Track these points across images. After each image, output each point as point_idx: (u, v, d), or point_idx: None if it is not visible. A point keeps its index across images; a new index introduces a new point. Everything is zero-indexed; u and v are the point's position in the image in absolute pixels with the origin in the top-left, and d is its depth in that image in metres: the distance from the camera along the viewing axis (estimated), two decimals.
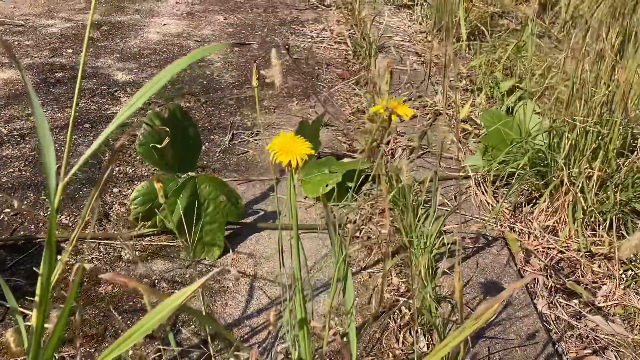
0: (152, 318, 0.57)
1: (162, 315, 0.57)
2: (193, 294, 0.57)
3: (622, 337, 1.12)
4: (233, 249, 1.33)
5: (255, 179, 1.58)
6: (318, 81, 2.17)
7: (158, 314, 0.57)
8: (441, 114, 1.84)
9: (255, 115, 1.89)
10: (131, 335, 0.57)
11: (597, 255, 1.28)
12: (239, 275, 1.23)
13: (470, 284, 1.21)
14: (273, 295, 1.21)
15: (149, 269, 1.25)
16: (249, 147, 1.73)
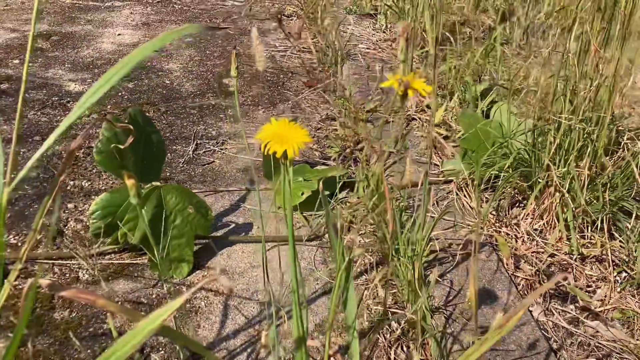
0: (128, 342, 0.46)
1: (139, 340, 0.46)
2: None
3: (623, 343, 1.06)
4: (203, 265, 1.22)
5: (224, 190, 1.47)
6: (284, 89, 2.09)
7: (134, 337, 0.46)
8: (414, 119, 1.78)
9: (220, 124, 1.79)
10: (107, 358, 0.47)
11: (589, 258, 1.23)
12: (231, 285, 1.12)
13: (462, 293, 1.13)
14: (250, 314, 1.11)
15: (111, 290, 1.13)
16: (214, 157, 1.62)
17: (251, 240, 1.29)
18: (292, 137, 0.54)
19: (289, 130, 0.55)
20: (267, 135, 0.55)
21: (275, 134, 0.55)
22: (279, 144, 0.53)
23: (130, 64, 0.63)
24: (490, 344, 0.60)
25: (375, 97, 1.91)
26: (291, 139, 0.54)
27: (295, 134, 0.55)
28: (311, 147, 1.68)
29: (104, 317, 1.07)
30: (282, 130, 0.55)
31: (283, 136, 0.54)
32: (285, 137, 0.54)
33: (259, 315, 1.11)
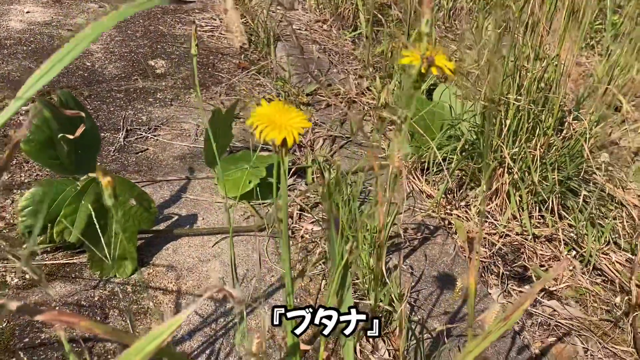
0: None
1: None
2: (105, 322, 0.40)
3: (580, 320, 1.08)
4: (148, 262, 1.13)
5: (162, 180, 1.37)
6: (215, 71, 1.98)
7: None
8: (355, 102, 1.74)
9: (150, 109, 1.67)
10: None
11: (540, 238, 1.24)
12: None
13: (423, 279, 1.11)
14: (205, 313, 1.03)
15: (46, 295, 1.02)
16: (148, 144, 1.51)
17: (197, 233, 1.21)
18: (288, 121, 0.48)
19: (285, 114, 0.49)
20: (259, 119, 0.48)
21: (268, 117, 0.48)
22: (276, 129, 0.47)
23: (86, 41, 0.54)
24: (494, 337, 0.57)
25: (313, 79, 1.85)
26: (288, 124, 0.48)
27: (292, 118, 0.48)
28: (251, 132, 1.61)
29: (39, 325, 0.96)
30: (276, 114, 0.49)
31: (278, 120, 0.48)
32: (281, 122, 0.48)
33: (214, 314, 1.03)
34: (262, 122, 0.47)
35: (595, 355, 1.00)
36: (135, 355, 0.39)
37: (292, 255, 1.19)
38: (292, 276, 0.81)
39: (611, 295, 1.13)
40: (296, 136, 0.47)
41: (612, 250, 1.22)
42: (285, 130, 0.47)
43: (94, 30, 0.52)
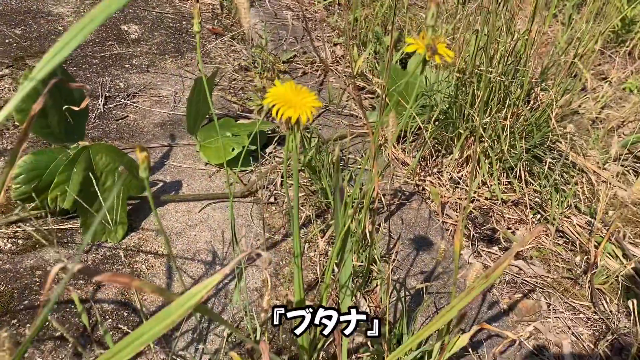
0: (162, 320, 0.44)
1: (174, 319, 0.44)
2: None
3: (544, 278, 1.17)
4: (137, 226, 1.17)
5: (144, 147, 1.39)
6: (189, 36, 1.99)
7: (169, 316, 0.44)
8: (331, 70, 1.78)
9: (127, 75, 1.68)
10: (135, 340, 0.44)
11: (508, 202, 1.33)
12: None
13: (401, 241, 1.18)
14: (196, 274, 1.08)
15: (40, 259, 1.05)
16: (127, 111, 1.53)
17: (183, 199, 1.25)
18: (301, 101, 0.53)
19: (298, 94, 0.53)
20: (274, 98, 0.53)
21: (282, 97, 0.53)
22: (291, 108, 0.52)
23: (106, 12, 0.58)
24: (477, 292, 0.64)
25: (288, 47, 1.88)
26: (301, 103, 0.52)
27: (305, 98, 0.53)
28: (229, 100, 1.64)
29: (36, 288, 0.99)
30: (289, 94, 0.53)
31: (292, 100, 0.53)
32: (295, 101, 0.53)
33: (205, 275, 1.09)
34: (278, 102, 0.52)
35: (557, 309, 1.10)
36: (176, 310, 0.44)
37: (276, 220, 1.25)
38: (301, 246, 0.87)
39: (572, 255, 1.23)
40: (309, 114, 0.52)
41: (574, 214, 1.31)
42: (299, 109, 0.52)
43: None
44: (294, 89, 0.54)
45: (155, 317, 0.44)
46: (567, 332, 1.06)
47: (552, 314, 1.09)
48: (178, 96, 1.62)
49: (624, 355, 1.02)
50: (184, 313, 0.45)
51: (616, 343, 1.04)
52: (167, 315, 0.44)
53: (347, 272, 0.67)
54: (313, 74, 1.76)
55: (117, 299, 1.01)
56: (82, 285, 1.02)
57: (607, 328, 1.07)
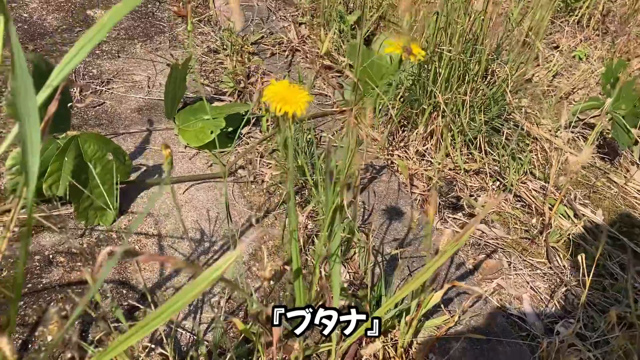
0: (191, 291, 0.52)
1: (202, 288, 0.53)
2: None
3: (504, 239, 1.29)
4: (126, 210, 1.23)
5: (124, 132, 1.45)
6: (155, 20, 2.02)
7: (197, 286, 0.52)
8: (298, 50, 1.85)
9: (99, 62, 1.71)
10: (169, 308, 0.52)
11: (470, 172, 1.44)
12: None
13: (375, 212, 1.28)
14: (187, 252, 1.16)
15: (38, 244, 1.11)
16: (103, 97, 1.57)
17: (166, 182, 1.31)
18: (295, 97, 0.61)
19: (293, 92, 0.61)
20: (273, 96, 0.61)
21: (278, 94, 0.61)
22: (288, 104, 0.60)
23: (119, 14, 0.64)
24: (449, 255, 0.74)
25: (255, 28, 1.93)
26: (295, 99, 0.61)
27: (298, 95, 0.61)
28: (202, 83, 1.69)
29: (38, 272, 1.06)
30: (284, 91, 0.61)
31: (286, 97, 0.61)
32: (289, 98, 0.61)
33: (195, 252, 1.16)
34: (275, 99, 0.60)
35: (517, 267, 1.22)
36: (202, 281, 0.52)
37: (256, 198, 1.33)
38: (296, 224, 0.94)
39: (528, 218, 1.35)
40: (303, 109, 0.60)
41: (529, 180, 1.43)
42: (294, 104, 0.60)
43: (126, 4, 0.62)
44: (287, 87, 0.62)
45: (184, 289, 0.53)
46: (526, 286, 1.18)
47: (513, 271, 1.21)
48: (151, 81, 1.67)
49: (575, 304, 1.15)
50: (209, 284, 0.53)
51: (568, 294, 1.17)
52: (195, 286, 0.52)
53: (337, 242, 0.76)
54: (281, 55, 1.82)
55: (114, 278, 1.08)
56: (80, 267, 1.09)
57: (560, 281, 1.20)
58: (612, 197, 1.49)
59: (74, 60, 0.66)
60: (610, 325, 1.05)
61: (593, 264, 1.02)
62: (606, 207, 1.45)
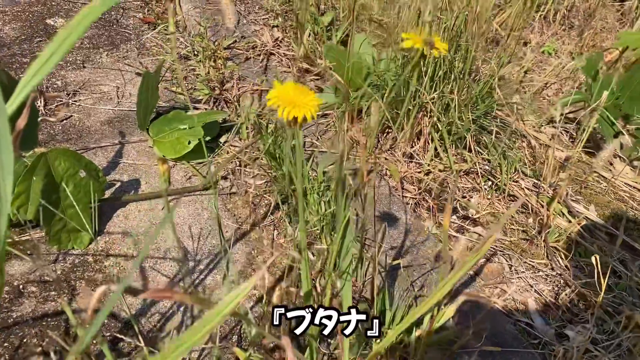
0: (201, 329, 0.45)
1: (213, 325, 0.45)
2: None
3: (502, 242, 1.24)
4: (102, 230, 1.14)
5: (95, 147, 1.36)
6: (120, 28, 1.92)
7: (208, 323, 0.45)
8: (273, 54, 1.78)
9: (63, 73, 1.61)
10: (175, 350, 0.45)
11: (460, 172, 1.39)
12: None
13: (367, 219, 1.21)
14: (170, 273, 1.08)
15: (6, 274, 1.01)
16: (70, 110, 1.47)
17: (145, 197, 1.23)
18: (304, 100, 0.54)
19: (300, 95, 0.54)
20: (277, 100, 0.54)
21: (284, 97, 0.54)
22: (296, 108, 0.53)
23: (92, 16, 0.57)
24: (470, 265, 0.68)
25: (226, 33, 1.86)
26: (304, 102, 0.54)
27: (306, 97, 0.54)
28: (174, 91, 1.61)
29: (8, 305, 0.96)
30: (290, 94, 0.54)
31: (294, 99, 0.54)
32: (297, 101, 0.54)
33: (180, 273, 1.08)
34: (282, 103, 0.53)
35: (518, 270, 1.17)
36: (215, 317, 0.45)
37: (240, 210, 1.25)
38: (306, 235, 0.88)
39: (524, 217, 1.31)
40: (314, 113, 0.53)
41: (521, 178, 1.39)
42: (303, 108, 0.53)
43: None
44: (294, 89, 0.55)
45: (193, 327, 0.45)
46: (530, 290, 1.13)
47: (515, 274, 1.16)
48: (120, 91, 1.58)
49: (580, 306, 1.11)
50: (222, 319, 0.46)
51: (573, 295, 1.13)
52: (207, 322, 0.45)
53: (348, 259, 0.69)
54: (256, 59, 1.75)
55: None
56: (54, 297, 1.00)
57: (564, 283, 1.15)
58: (603, 191, 1.46)
59: (48, 64, 0.58)
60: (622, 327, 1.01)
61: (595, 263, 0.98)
62: (598, 203, 1.42)
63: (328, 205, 1.15)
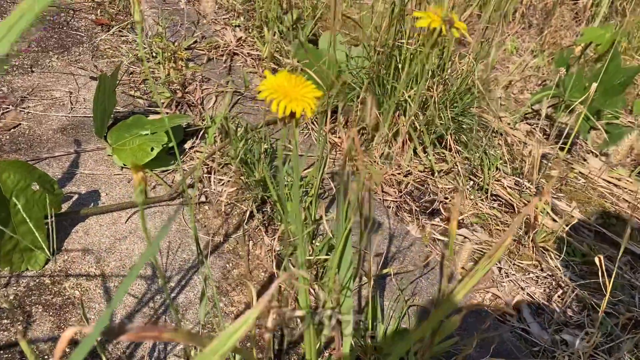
0: None
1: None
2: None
3: (489, 243, 1.19)
4: (59, 248, 1.03)
5: (48, 157, 1.24)
6: (71, 30, 1.80)
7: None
8: (237, 54, 1.69)
9: (9, 77, 1.49)
10: None
11: (440, 172, 1.33)
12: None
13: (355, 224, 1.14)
14: (139, 293, 0.98)
15: None
16: (19, 118, 1.35)
17: (106, 210, 1.12)
18: (300, 92, 0.46)
19: (294, 84, 0.47)
20: (271, 91, 0.46)
21: (278, 89, 0.46)
22: (293, 101, 0.45)
23: None
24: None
25: (186, 33, 1.76)
26: (301, 94, 0.46)
27: (304, 88, 0.47)
28: (133, 95, 1.50)
29: None
30: (285, 85, 0.47)
31: (290, 92, 0.46)
32: (293, 93, 0.46)
33: (148, 292, 0.99)
34: (277, 95, 0.45)
35: (508, 272, 1.12)
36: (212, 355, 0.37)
37: (211, 221, 1.16)
38: None
39: (509, 217, 1.26)
40: (314, 107, 0.46)
41: (502, 177, 1.34)
42: (301, 101, 0.45)
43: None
44: (288, 79, 0.47)
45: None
46: (521, 293, 1.08)
47: (505, 277, 1.11)
48: (74, 96, 1.46)
49: (574, 307, 1.06)
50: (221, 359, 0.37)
51: (565, 297, 1.08)
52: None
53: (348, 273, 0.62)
54: (219, 59, 1.66)
55: (53, 334, 0.89)
56: (7, 326, 0.89)
57: (556, 284, 1.11)
58: (583, 188, 1.43)
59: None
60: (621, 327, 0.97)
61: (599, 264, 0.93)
62: (579, 200, 1.38)
63: (308, 212, 1.07)
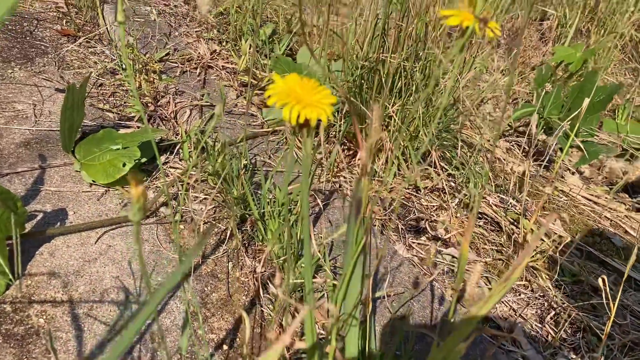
0: None
1: None
2: None
3: (477, 262, 1.15)
4: (22, 272, 0.95)
5: (10, 172, 1.16)
6: (35, 40, 1.71)
7: None
8: (211, 67, 1.63)
9: None
10: None
11: (425, 189, 1.29)
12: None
13: (335, 244, 1.09)
14: (109, 319, 0.90)
15: None
16: None
17: (74, 229, 1.04)
18: (314, 97, 0.41)
19: (306, 88, 0.41)
20: (282, 96, 0.40)
21: (290, 94, 0.41)
22: (308, 108, 0.40)
23: None
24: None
25: (157, 45, 1.69)
26: (316, 100, 0.41)
27: (318, 93, 0.41)
28: (101, 108, 1.42)
29: None
30: (297, 89, 0.41)
31: (303, 97, 0.41)
32: (307, 99, 0.41)
33: (121, 319, 0.91)
34: (290, 100, 0.40)
35: None
36: None
37: (187, 240, 1.09)
38: None
39: (496, 236, 1.23)
40: (329, 114, 0.40)
41: (487, 194, 1.31)
42: (316, 107, 0.40)
43: None
44: (299, 83, 0.42)
45: None
46: (514, 315, 1.04)
47: None
48: (38, 109, 1.38)
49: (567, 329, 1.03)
50: None
51: (558, 318, 1.05)
52: None
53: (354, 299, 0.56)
54: (192, 72, 1.60)
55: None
56: None
57: (548, 305, 1.07)
58: (565, 205, 1.42)
59: None
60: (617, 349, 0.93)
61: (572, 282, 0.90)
62: (562, 217, 1.36)
63: (292, 231, 1.01)
